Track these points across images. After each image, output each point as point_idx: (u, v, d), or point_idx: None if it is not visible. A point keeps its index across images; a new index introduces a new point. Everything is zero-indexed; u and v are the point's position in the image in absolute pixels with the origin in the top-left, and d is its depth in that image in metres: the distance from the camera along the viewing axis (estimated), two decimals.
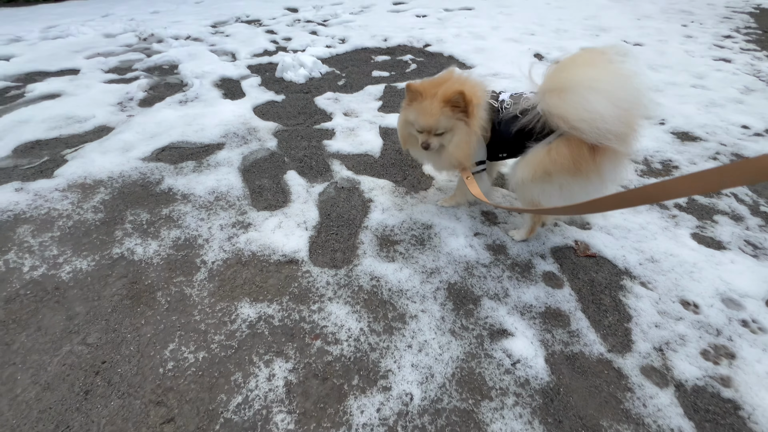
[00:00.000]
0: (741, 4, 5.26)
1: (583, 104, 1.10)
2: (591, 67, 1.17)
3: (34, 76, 2.94)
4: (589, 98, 1.09)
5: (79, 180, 1.85)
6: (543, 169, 1.25)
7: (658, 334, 1.23)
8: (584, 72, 1.16)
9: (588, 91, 1.10)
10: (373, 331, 1.23)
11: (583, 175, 1.22)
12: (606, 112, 1.07)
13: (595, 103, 1.08)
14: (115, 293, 1.34)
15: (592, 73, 1.15)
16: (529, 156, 1.29)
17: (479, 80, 1.42)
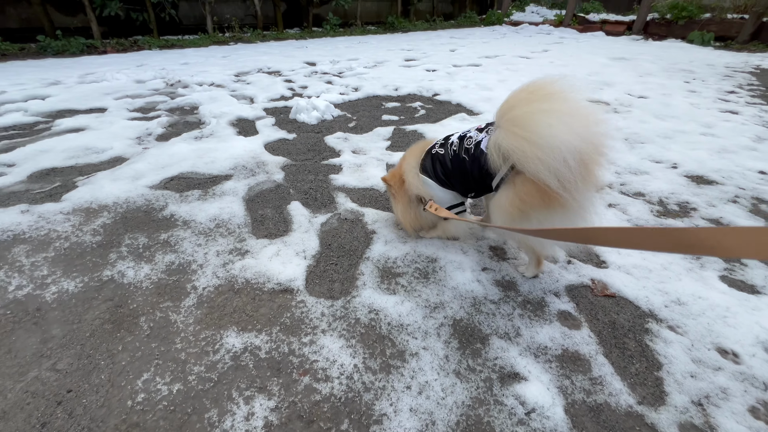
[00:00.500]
0: (740, 65, 5.46)
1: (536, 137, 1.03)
2: (542, 100, 1.09)
3: (64, 113, 3.12)
4: (543, 129, 1.03)
5: (84, 204, 1.85)
6: (517, 210, 1.18)
7: (696, 386, 1.07)
8: (536, 105, 1.09)
9: (541, 122, 1.04)
10: (369, 368, 1.10)
11: (559, 206, 1.12)
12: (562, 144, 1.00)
13: (549, 137, 1.01)
14: (97, 317, 1.26)
15: (543, 105, 1.08)
16: (499, 199, 1.23)
17: (419, 144, 1.53)
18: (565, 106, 1.06)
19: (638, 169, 2.35)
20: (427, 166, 1.44)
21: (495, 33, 9.07)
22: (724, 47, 6.90)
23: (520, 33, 9.08)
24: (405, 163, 1.52)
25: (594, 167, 1.09)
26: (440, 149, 1.41)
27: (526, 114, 1.09)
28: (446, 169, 1.38)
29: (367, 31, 8.97)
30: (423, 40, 7.70)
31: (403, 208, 1.55)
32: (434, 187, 1.44)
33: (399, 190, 1.53)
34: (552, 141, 1.01)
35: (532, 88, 1.12)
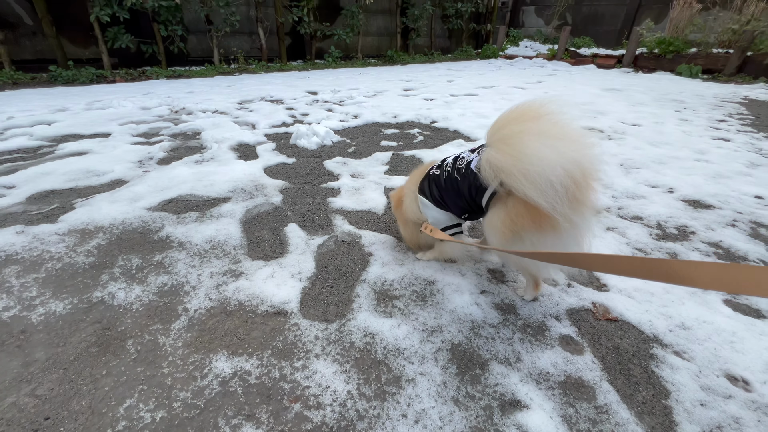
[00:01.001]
0: (729, 95, 5.63)
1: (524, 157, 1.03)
2: (532, 120, 1.10)
3: (69, 137, 3.18)
4: (533, 146, 1.02)
5: (81, 225, 1.84)
6: (510, 231, 1.17)
7: (707, 415, 1.02)
8: (525, 125, 1.09)
9: (529, 142, 1.04)
10: (363, 395, 1.05)
11: (550, 228, 1.10)
12: (549, 163, 0.99)
13: (537, 154, 1.01)
14: (84, 339, 1.22)
15: (532, 125, 1.08)
16: (491, 219, 1.22)
17: (425, 167, 1.54)
18: (553, 127, 1.06)
19: (635, 193, 2.37)
20: (425, 187, 1.46)
21: (491, 66, 9.42)
22: (711, 79, 7.14)
23: (515, 66, 9.44)
24: (406, 186, 1.59)
25: (586, 190, 1.07)
26: (437, 170, 1.43)
27: (514, 133, 1.09)
28: (440, 189, 1.39)
29: (367, 63, 9.32)
30: (421, 72, 7.98)
31: (403, 223, 1.65)
32: (430, 207, 1.44)
33: (399, 208, 1.64)
34: (537, 161, 1.01)
35: (522, 109, 1.13)
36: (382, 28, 10.30)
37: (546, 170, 0.99)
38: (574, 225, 1.09)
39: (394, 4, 9.96)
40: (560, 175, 0.99)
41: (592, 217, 1.14)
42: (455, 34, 11.95)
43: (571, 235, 1.13)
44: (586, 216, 1.11)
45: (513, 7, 13.57)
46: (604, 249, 1.76)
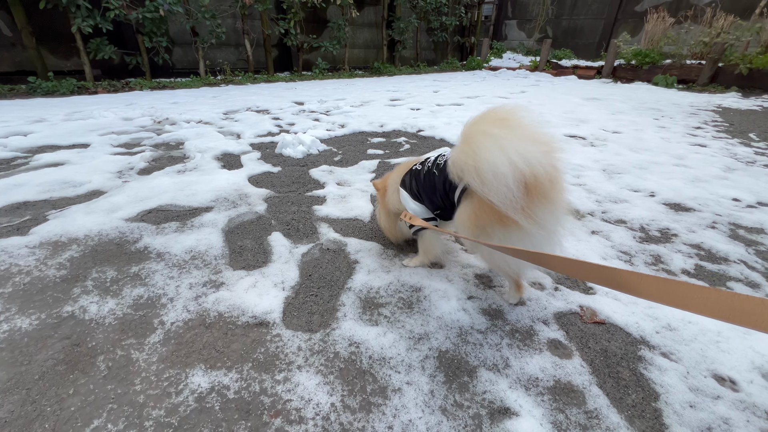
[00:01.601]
0: (704, 104, 5.84)
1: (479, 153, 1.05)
2: (495, 122, 1.10)
3: (46, 148, 3.08)
4: (486, 145, 1.04)
5: (53, 238, 1.77)
6: (476, 225, 1.19)
7: (696, 417, 1.00)
8: (487, 126, 1.10)
9: (485, 142, 1.05)
10: (347, 407, 1.01)
11: (514, 225, 1.10)
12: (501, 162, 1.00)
13: (488, 154, 1.02)
14: (50, 357, 1.15)
15: (493, 127, 1.09)
16: (460, 214, 1.24)
17: (408, 162, 1.58)
18: (512, 130, 1.07)
19: (618, 197, 2.40)
20: (406, 180, 1.50)
21: (475, 77, 9.61)
22: (686, 89, 7.42)
23: (498, 77, 9.65)
24: (390, 178, 1.64)
25: (550, 190, 1.07)
26: (419, 166, 1.47)
27: (473, 132, 1.11)
28: (419, 183, 1.43)
29: (354, 74, 9.41)
30: (407, 83, 8.08)
31: (386, 215, 1.67)
32: (408, 199, 1.48)
33: (383, 198, 1.66)
34: (488, 160, 1.02)
35: (490, 111, 1.14)
36: (368, 40, 10.45)
37: (496, 169, 1.01)
38: (538, 223, 1.08)
39: (380, 17, 10.13)
40: (511, 175, 1.00)
41: (561, 216, 1.15)
42: (440, 47, 12.19)
43: (541, 234, 1.12)
44: (553, 215, 1.11)
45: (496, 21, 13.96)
46: (590, 252, 1.76)
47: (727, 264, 1.72)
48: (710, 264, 1.71)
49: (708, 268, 1.68)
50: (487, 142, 1.05)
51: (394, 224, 1.68)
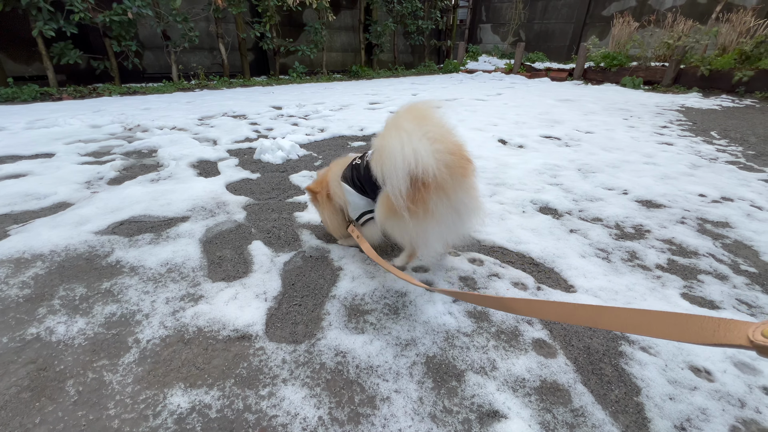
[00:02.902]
0: (668, 104, 6.13)
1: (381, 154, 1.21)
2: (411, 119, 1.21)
3: (5, 159, 2.91)
4: (392, 140, 1.17)
5: (15, 255, 1.66)
6: (388, 207, 1.33)
7: (676, 409, 1.03)
8: (404, 121, 1.20)
9: (393, 134, 1.18)
10: (335, 420, 0.99)
11: (428, 211, 1.24)
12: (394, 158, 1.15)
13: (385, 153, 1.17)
14: (14, 384, 1.07)
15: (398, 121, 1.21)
16: (379, 198, 1.40)
17: (344, 159, 1.64)
18: (419, 127, 1.17)
19: (593, 196, 2.47)
20: (347, 175, 1.55)
21: (453, 79, 9.75)
22: (652, 90, 7.77)
23: (475, 79, 9.83)
24: (330, 173, 1.65)
25: (448, 186, 1.21)
26: (359, 160, 1.53)
27: (388, 126, 1.23)
28: (360, 176, 1.48)
29: (332, 78, 9.36)
30: (386, 86, 8.11)
31: (330, 214, 1.66)
32: (352, 193, 1.52)
33: (325, 197, 1.65)
34: (389, 154, 1.16)
35: (409, 106, 1.25)
36: (346, 44, 10.43)
37: (394, 162, 1.15)
38: (432, 214, 1.25)
39: (357, 20, 10.13)
40: (402, 169, 1.13)
41: (461, 209, 1.31)
42: (417, 50, 12.31)
43: (444, 218, 1.28)
44: (450, 208, 1.27)
45: (471, 25, 14.23)
46: (569, 251, 1.80)
47: (697, 257, 1.79)
48: (681, 258, 1.79)
49: (680, 262, 1.75)
50: (394, 137, 1.16)
51: (343, 221, 1.69)
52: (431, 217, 1.26)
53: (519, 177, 2.75)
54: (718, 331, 0.58)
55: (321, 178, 1.70)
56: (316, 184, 1.70)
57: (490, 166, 2.96)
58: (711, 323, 0.59)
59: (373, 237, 1.59)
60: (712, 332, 0.59)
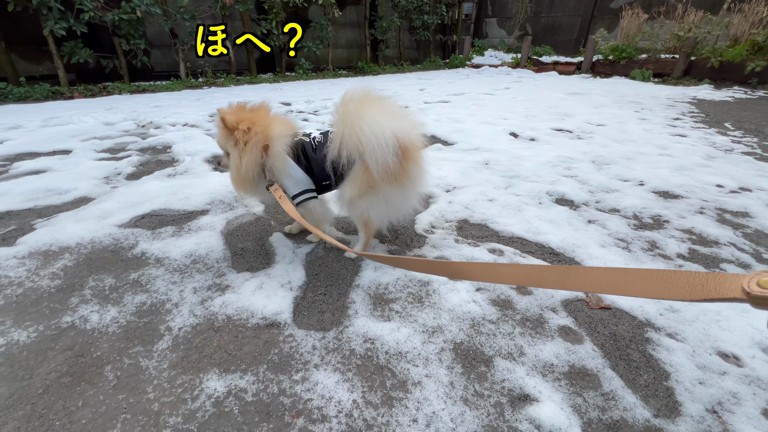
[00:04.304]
0: (679, 96, 6.06)
1: (359, 133, 1.32)
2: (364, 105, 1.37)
3: (24, 156, 2.95)
4: (363, 128, 1.31)
5: (43, 247, 1.69)
6: (366, 184, 1.42)
7: (706, 393, 1.04)
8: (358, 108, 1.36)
9: (362, 123, 1.31)
10: (369, 403, 1.00)
11: (400, 183, 1.42)
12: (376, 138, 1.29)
13: (367, 132, 1.30)
14: (53, 369, 1.10)
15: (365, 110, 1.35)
16: (352, 175, 1.45)
17: (286, 118, 1.60)
18: (379, 109, 1.36)
19: (609, 187, 2.46)
20: (296, 152, 1.50)
21: (459, 74, 9.70)
22: (662, 82, 7.68)
23: (482, 74, 9.77)
24: (274, 129, 1.47)
25: (416, 155, 1.42)
26: (306, 138, 1.54)
27: (350, 117, 1.36)
28: (309, 157, 1.50)
29: (338, 74, 9.36)
30: (393, 82, 8.10)
31: (250, 162, 1.43)
32: (296, 169, 1.50)
33: (252, 142, 1.42)
34: (370, 138, 1.30)
35: (349, 96, 1.40)
36: (351, 40, 10.40)
37: (379, 142, 1.29)
38: (411, 181, 1.46)
39: (362, 16, 10.10)
40: (392, 145, 1.30)
41: (424, 175, 1.51)
42: (423, 45, 12.25)
43: (408, 188, 1.48)
44: (420, 174, 1.48)
45: (476, 19, 14.12)
46: (589, 241, 1.80)
47: (719, 247, 1.79)
48: (703, 247, 1.78)
49: (701, 252, 1.75)
50: (368, 128, 1.29)
51: (260, 177, 1.50)
52: (410, 182, 1.45)
53: (533, 169, 2.75)
54: (706, 286, 0.54)
55: (249, 119, 1.44)
56: (239, 120, 1.42)
57: (503, 159, 2.96)
58: (698, 278, 0.55)
59: (314, 213, 1.61)
60: (701, 287, 0.55)
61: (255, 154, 1.43)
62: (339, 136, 1.38)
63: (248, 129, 1.42)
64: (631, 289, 0.60)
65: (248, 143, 1.42)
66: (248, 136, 1.42)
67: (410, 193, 1.51)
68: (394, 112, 1.41)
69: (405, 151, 1.36)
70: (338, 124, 1.40)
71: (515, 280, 0.81)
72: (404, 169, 1.39)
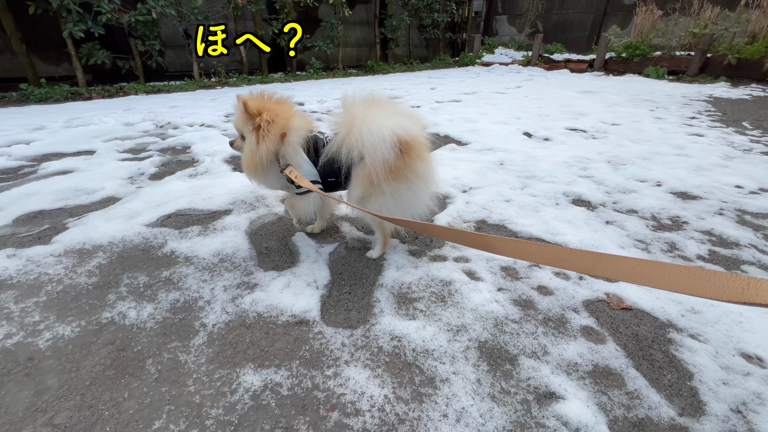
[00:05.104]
0: (695, 94, 5.98)
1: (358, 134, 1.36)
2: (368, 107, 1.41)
3: (51, 156, 3.05)
4: (362, 128, 1.36)
5: (77, 246, 1.76)
6: (368, 181, 1.44)
7: (731, 393, 1.06)
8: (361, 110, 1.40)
9: (361, 124, 1.36)
10: (400, 398, 1.04)
11: (404, 178, 1.43)
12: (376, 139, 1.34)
13: (365, 131, 1.35)
14: (98, 363, 1.16)
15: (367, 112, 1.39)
16: (355, 175, 1.50)
17: (305, 115, 1.66)
18: (383, 110, 1.41)
19: (626, 188, 2.47)
20: (309, 146, 1.57)
21: (469, 73, 9.67)
22: (677, 80, 7.57)
23: (492, 72, 9.72)
24: (294, 121, 1.54)
25: (422, 152, 1.45)
26: (320, 134, 1.61)
27: (353, 120, 1.40)
28: (320, 153, 1.55)
29: (348, 73, 9.40)
30: (403, 80, 8.11)
31: (268, 149, 1.48)
32: (306, 160, 1.56)
33: (273, 131, 1.47)
34: (371, 137, 1.35)
35: (349, 100, 1.45)
36: (360, 38, 10.43)
37: (377, 140, 1.34)
38: (418, 176, 1.47)
39: (371, 15, 10.11)
40: (390, 142, 1.34)
41: (432, 171, 1.53)
42: (432, 44, 12.22)
43: (417, 185, 1.49)
44: (428, 169, 1.50)
45: (486, 17, 14.03)
46: (607, 242, 1.82)
47: (739, 248, 1.79)
48: (723, 249, 1.78)
49: (721, 253, 1.75)
50: (365, 126, 1.35)
51: (272, 162, 1.54)
52: (417, 178, 1.47)
53: (548, 170, 2.75)
54: (747, 290, 0.54)
55: (273, 110, 1.49)
56: (262, 108, 1.47)
57: (518, 159, 2.97)
58: (739, 281, 0.55)
59: (307, 208, 1.66)
60: (741, 290, 0.55)
61: (273, 141, 1.49)
62: (341, 136, 1.42)
63: (272, 120, 1.47)
64: (666, 282, 0.61)
65: (270, 132, 1.48)
66: (270, 126, 1.47)
67: (420, 190, 1.51)
68: (394, 112, 1.45)
69: (406, 147, 1.38)
70: (341, 124, 1.44)
71: (545, 259, 0.83)
72: (407, 164, 1.41)
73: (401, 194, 1.48)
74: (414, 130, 1.43)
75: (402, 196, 1.49)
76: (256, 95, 1.55)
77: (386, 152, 1.34)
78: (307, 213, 1.69)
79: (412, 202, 1.53)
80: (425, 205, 1.58)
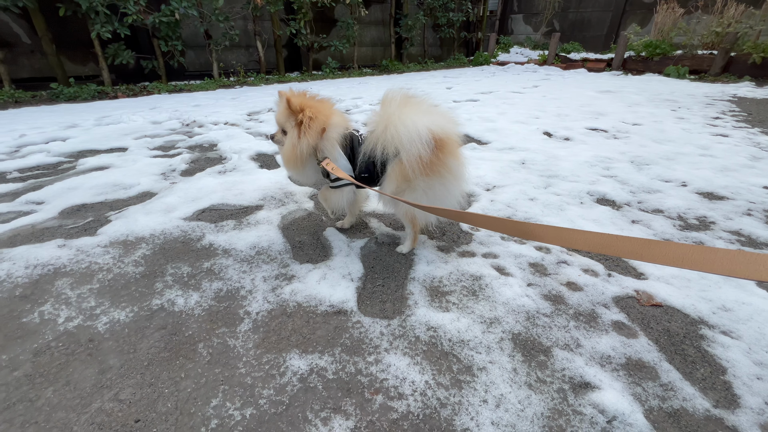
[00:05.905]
0: (718, 94, 5.86)
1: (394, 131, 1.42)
2: (402, 106, 1.47)
3: (86, 153, 3.18)
4: (398, 125, 1.41)
5: (121, 237, 1.86)
6: (402, 177, 1.50)
7: (765, 387, 1.08)
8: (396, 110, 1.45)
9: (398, 121, 1.42)
10: (440, 384, 1.09)
11: (437, 174, 1.48)
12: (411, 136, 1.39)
13: (401, 128, 1.40)
14: (153, 345, 1.24)
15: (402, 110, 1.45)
16: (389, 171, 1.55)
17: (344, 114, 1.73)
18: (415, 109, 1.46)
19: (650, 188, 2.46)
20: (345, 143, 1.65)
21: (485, 72, 9.64)
22: (698, 79, 7.42)
23: (508, 71, 9.67)
24: (333, 119, 1.63)
25: (455, 149, 1.51)
26: (356, 132, 1.70)
27: (388, 119, 1.46)
28: (355, 151, 1.63)
29: (364, 73, 9.46)
30: (419, 80, 8.13)
31: (308, 144, 1.57)
32: (343, 156, 1.64)
33: (314, 127, 1.57)
34: (408, 134, 1.41)
35: (389, 99, 1.50)
36: (376, 38, 10.48)
37: (413, 137, 1.39)
38: (451, 173, 1.52)
39: (387, 14, 10.16)
40: (425, 138, 1.38)
41: (464, 167, 1.59)
42: (447, 43, 12.21)
43: (449, 181, 1.54)
44: (460, 166, 1.55)
45: (501, 16, 13.93)
46: None
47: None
48: (753, 249, 1.78)
49: None
50: (401, 123, 1.40)
51: (312, 157, 1.65)
52: (451, 175, 1.51)
53: (571, 169, 2.76)
54: None
55: (315, 107, 1.59)
56: (305, 105, 1.56)
57: (539, 159, 2.98)
58: None
59: (340, 201, 1.73)
60: None
61: (313, 136, 1.58)
62: (377, 133, 1.48)
63: (314, 116, 1.57)
64: (719, 267, 0.64)
65: (311, 127, 1.57)
66: (312, 122, 1.57)
67: (452, 186, 1.56)
68: (429, 109, 1.50)
69: (440, 144, 1.44)
70: (378, 122, 1.49)
71: (589, 246, 0.85)
72: (441, 161, 1.46)
73: (434, 189, 1.53)
74: (448, 128, 1.48)
75: (435, 192, 1.54)
76: (298, 93, 1.63)
77: (421, 148, 1.39)
78: (339, 206, 1.76)
79: (444, 197, 1.57)
80: (456, 201, 1.63)
